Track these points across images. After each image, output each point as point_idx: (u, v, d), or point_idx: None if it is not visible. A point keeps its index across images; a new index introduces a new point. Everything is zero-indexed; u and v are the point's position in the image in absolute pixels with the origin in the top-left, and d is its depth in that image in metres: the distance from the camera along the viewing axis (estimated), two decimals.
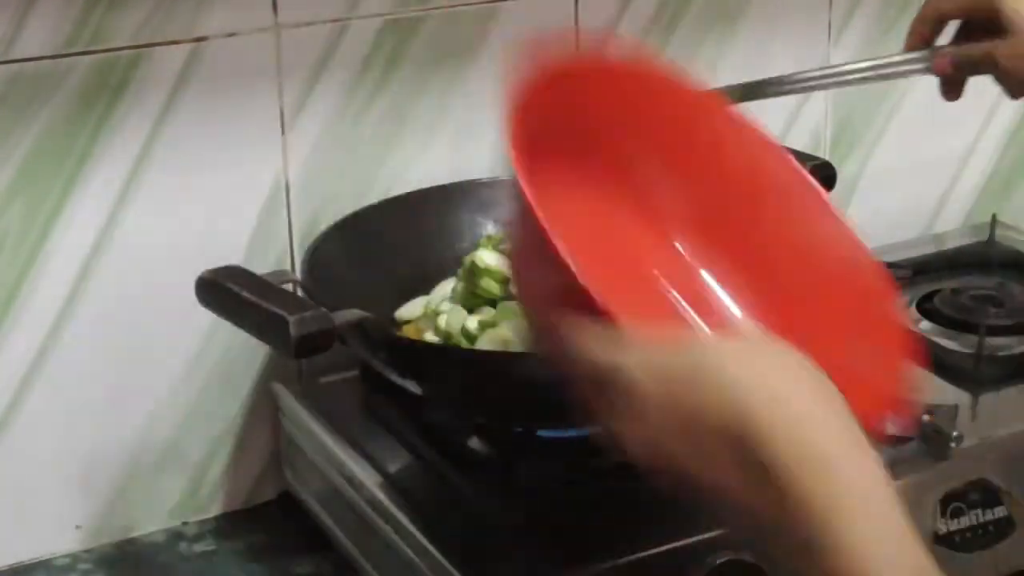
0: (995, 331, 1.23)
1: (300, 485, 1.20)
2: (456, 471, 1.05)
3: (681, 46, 1.34)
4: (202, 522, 1.22)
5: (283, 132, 1.18)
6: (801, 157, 1.16)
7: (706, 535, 0.96)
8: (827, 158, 1.25)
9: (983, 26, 1.08)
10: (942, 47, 1.11)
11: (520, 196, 0.71)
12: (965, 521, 1.08)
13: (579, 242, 0.70)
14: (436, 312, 1.12)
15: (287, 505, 1.22)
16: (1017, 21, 1.05)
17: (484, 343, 1.06)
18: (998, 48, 1.06)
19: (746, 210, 0.93)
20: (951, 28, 1.12)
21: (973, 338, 1.20)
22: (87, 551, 1.18)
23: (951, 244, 1.48)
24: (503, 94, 0.75)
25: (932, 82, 1.12)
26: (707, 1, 1.34)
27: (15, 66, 1.07)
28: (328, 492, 1.14)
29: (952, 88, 1.12)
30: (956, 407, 1.10)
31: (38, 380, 1.13)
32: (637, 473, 0.70)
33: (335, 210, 1.20)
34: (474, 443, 1.08)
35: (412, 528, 1.01)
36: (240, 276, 0.97)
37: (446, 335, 1.09)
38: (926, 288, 1.35)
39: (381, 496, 1.05)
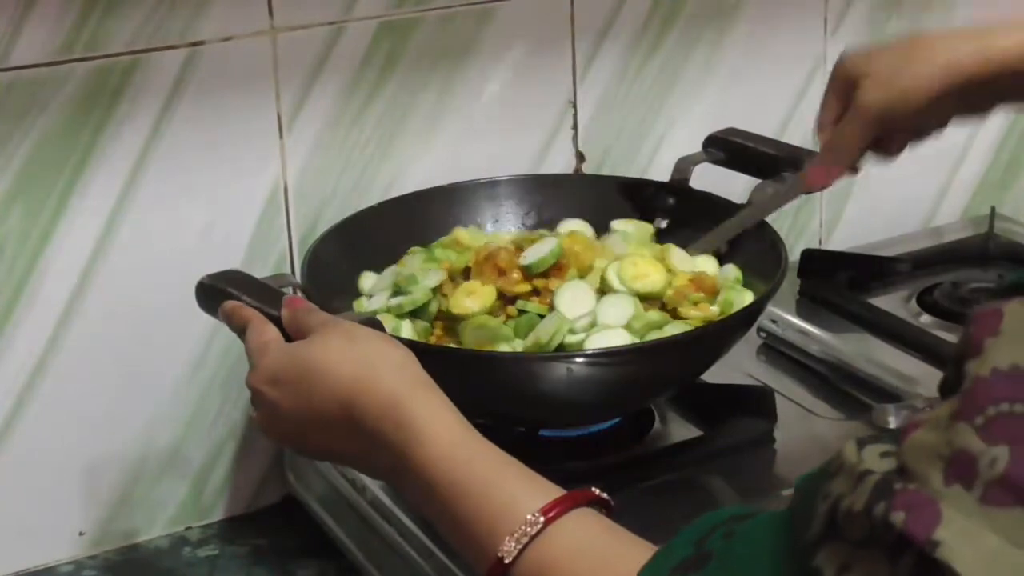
0: None
1: (303, 489, 1.20)
2: None
3: (678, 43, 1.34)
4: (205, 527, 1.22)
5: (281, 135, 1.18)
6: (799, 152, 1.17)
7: None
8: None
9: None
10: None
11: None
12: None
13: None
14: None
15: (290, 509, 1.22)
16: None
17: None
18: None
19: None
20: None
21: None
22: (91, 557, 1.18)
23: (950, 237, 1.48)
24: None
25: None
26: None
27: (12, 73, 1.06)
28: (331, 495, 1.13)
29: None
30: None
31: (40, 387, 1.13)
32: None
33: (334, 212, 1.20)
34: None
35: (416, 530, 1.01)
36: (240, 280, 0.97)
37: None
38: (926, 282, 1.35)
39: (384, 499, 1.05)
